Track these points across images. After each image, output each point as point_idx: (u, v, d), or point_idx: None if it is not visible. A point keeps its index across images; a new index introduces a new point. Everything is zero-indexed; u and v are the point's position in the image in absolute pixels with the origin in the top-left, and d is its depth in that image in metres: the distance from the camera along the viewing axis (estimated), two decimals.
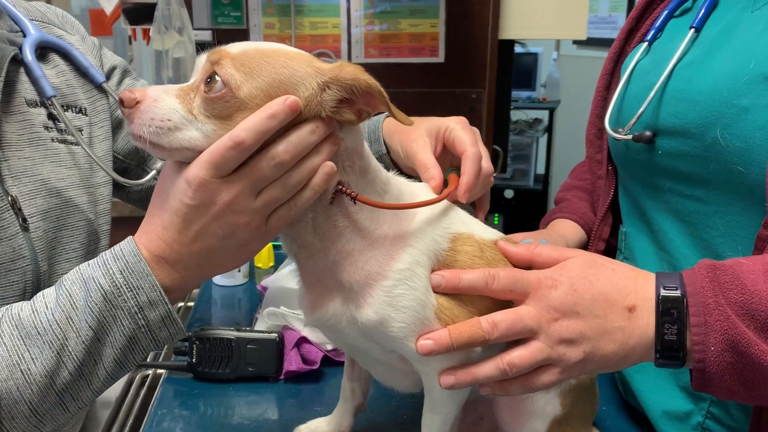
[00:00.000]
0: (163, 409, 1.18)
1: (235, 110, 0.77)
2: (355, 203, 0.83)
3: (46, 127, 1.07)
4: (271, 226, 0.82)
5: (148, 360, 1.45)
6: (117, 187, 1.24)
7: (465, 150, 1.02)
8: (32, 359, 0.79)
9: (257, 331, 1.27)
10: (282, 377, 1.26)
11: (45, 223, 1.03)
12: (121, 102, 0.78)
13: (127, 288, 0.80)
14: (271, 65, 0.78)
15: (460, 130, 1.05)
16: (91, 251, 1.12)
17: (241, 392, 1.23)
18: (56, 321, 0.80)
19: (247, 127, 0.75)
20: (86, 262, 0.84)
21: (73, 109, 1.14)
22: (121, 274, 0.80)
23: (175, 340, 0.86)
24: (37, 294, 0.84)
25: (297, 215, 0.82)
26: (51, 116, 1.09)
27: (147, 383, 1.42)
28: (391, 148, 1.16)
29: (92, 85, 1.19)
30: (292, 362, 1.25)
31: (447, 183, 0.98)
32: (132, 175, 1.29)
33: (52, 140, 1.08)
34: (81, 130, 1.13)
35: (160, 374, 1.31)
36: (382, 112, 0.81)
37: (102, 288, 0.80)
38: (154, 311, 0.81)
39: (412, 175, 0.99)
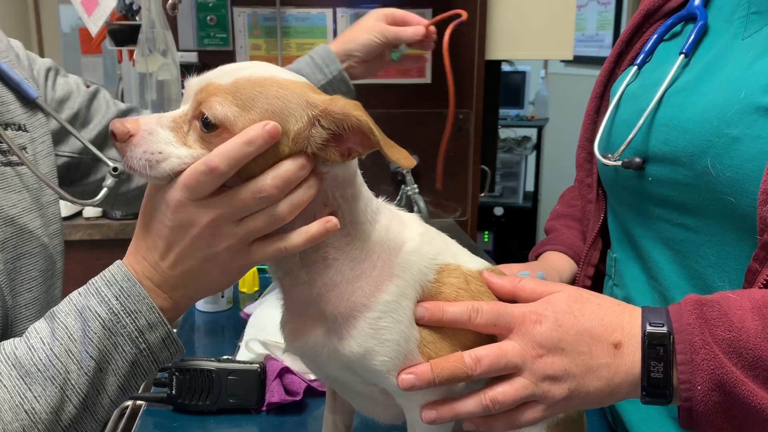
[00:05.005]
0: None
1: None
2: None
3: None
4: (254, 256, 0.80)
5: None
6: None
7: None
8: (35, 398, 0.77)
9: (238, 362, 1.25)
10: (264, 409, 1.23)
11: (3, 255, 0.99)
12: (113, 135, 0.76)
13: (125, 313, 0.79)
14: (264, 96, 0.76)
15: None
16: (48, 276, 1.09)
17: (221, 424, 1.20)
18: (56, 355, 0.78)
19: (222, 153, 0.74)
20: (75, 291, 0.82)
21: (12, 126, 1.07)
22: (117, 299, 0.79)
23: (175, 359, 0.85)
24: (29, 329, 0.81)
25: (284, 255, 0.80)
26: None
27: (126, 415, 1.39)
28: (351, 55, 1.45)
29: (26, 100, 1.12)
30: (275, 393, 1.23)
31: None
32: (86, 169, 1.24)
33: None
34: (24, 149, 1.07)
35: (140, 406, 1.28)
36: (375, 150, 0.79)
37: (99, 316, 0.78)
38: (154, 333, 0.81)
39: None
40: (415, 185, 2.39)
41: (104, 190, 1.09)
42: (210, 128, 0.76)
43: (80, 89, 1.25)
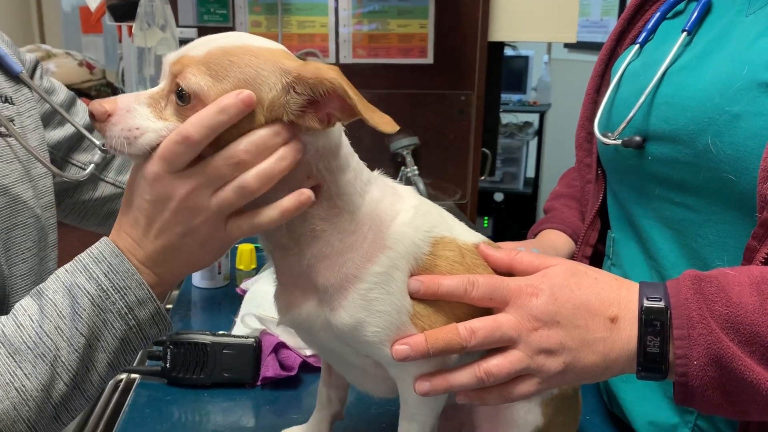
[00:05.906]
0: (136, 415, 1.14)
1: None
2: None
3: None
4: (230, 231, 0.79)
5: None
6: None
7: None
8: (25, 375, 0.77)
9: (233, 336, 1.24)
10: (259, 383, 1.23)
11: None
12: (92, 116, 0.77)
13: (114, 290, 0.79)
14: (236, 65, 0.76)
15: None
16: (42, 248, 1.08)
17: (216, 398, 1.20)
18: (45, 333, 0.77)
19: (195, 121, 0.74)
20: (62, 268, 0.81)
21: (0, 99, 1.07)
22: (106, 276, 0.79)
23: (163, 335, 0.85)
24: (15, 307, 0.81)
25: (261, 231, 0.80)
26: None
27: (120, 388, 1.39)
28: None
29: (10, 75, 1.11)
30: (269, 368, 1.22)
31: None
32: (56, 167, 1.21)
33: None
34: (12, 120, 1.07)
35: (134, 379, 1.28)
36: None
37: (88, 293, 0.78)
38: (143, 310, 0.81)
39: None
40: (415, 167, 2.38)
41: (92, 166, 1.10)
42: (184, 100, 0.76)
43: (62, 88, 1.25)
